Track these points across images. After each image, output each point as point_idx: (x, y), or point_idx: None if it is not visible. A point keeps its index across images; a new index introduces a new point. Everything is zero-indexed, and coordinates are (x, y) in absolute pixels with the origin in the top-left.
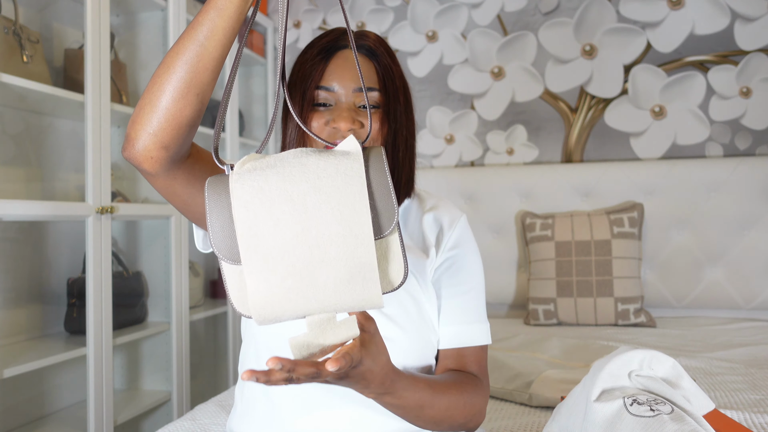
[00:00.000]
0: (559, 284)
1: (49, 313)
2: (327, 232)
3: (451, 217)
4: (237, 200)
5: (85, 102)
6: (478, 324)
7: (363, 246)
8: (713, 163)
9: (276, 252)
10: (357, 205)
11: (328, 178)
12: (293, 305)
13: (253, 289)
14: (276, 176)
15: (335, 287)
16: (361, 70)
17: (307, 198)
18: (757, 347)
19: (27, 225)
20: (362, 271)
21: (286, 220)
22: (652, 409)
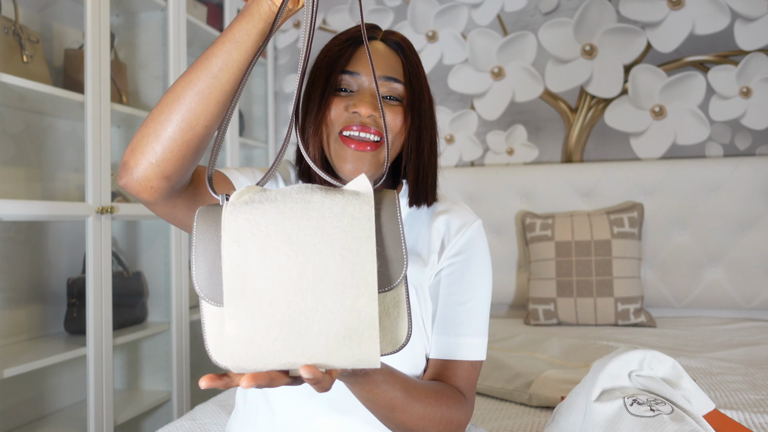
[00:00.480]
0: (559, 284)
1: (49, 313)
2: (325, 278)
3: (462, 222)
4: (228, 234)
5: (85, 102)
6: (470, 338)
7: (365, 298)
8: (713, 163)
9: (264, 295)
10: (362, 252)
11: (333, 218)
12: (277, 358)
13: (233, 335)
14: (274, 211)
15: (328, 342)
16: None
17: (306, 238)
18: (757, 347)
19: (27, 225)
20: (361, 327)
21: (280, 260)
22: (652, 409)
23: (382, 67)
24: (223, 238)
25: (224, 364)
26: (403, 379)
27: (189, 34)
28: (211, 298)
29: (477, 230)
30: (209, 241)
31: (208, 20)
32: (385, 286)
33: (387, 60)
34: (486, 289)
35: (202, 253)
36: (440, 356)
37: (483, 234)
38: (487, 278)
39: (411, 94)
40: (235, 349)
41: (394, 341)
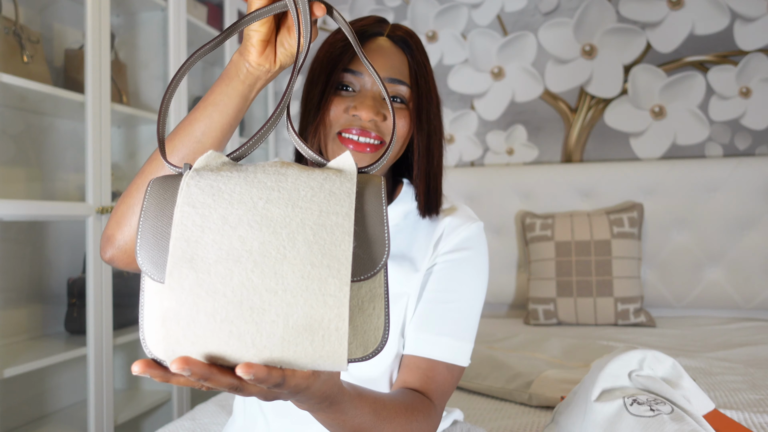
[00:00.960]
0: (559, 284)
1: (49, 313)
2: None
3: (460, 222)
4: (184, 198)
5: (85, 102)
6: (451, 339)
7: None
8: (713, 163)
9: (216, 268)
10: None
11: (308, 191)
12: (222, 345)
13: (171, 311)
14: (242, 179)
15: (285, 331)
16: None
17: (274, 209)
18: (757, 347)
19: (27, 225)
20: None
21: (240, 230)
22: (652, 409)
23: (386, 67)
24: (177, 201)
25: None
26: (371, 400)
27: (189, 34)
28: (153, 273)
29: (475, 231)
30: (161, 209)
31: (208, 20)
32: (361, 274)
33: (392, 60)
34: (476, 293)
35: (150, 221)
36: (417, 353)
37: (482, 237)
38: (479, 282)
39: (417, 96)
40: (172, 330)
41: (366, 344)
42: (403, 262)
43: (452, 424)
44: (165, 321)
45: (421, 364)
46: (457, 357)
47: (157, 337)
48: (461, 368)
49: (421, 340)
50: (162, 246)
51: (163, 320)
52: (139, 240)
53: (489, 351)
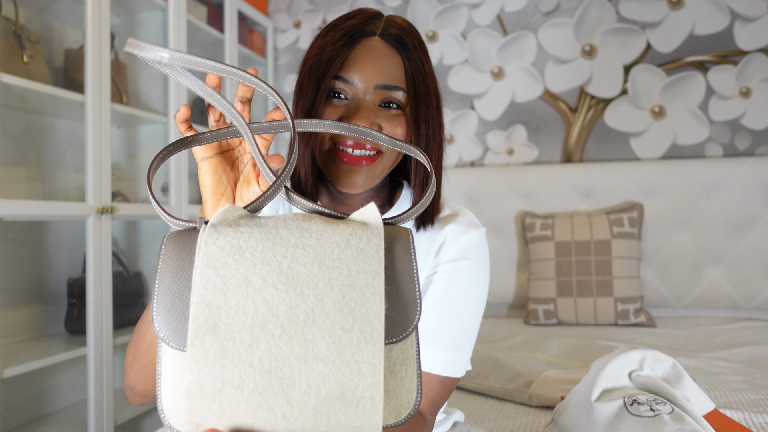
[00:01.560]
0: (559, 284)
1: (50, 313)
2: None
3: (462, 229)
4: (203, 258)
5: (85, 102)
6: (443, 350)
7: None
8: (713, 163)
9: (242, 336)
10: (368, 291)
11: (334, 248)
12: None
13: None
14: (264, 236)
15: (317, 403)
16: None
17: (300, 270)
18: (757, 347)
19: (27, 225)
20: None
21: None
22: (652, 409)
23: (380, 73)
24: (196, 262)
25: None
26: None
27: (189, 34)
28: (172, 340)
29: (477, 239)
30: (178, 269)
31: (208, 20)
32: (394, 336)
33: (385, 63)
34: (476, 304)
35: (167, 284)
36: None
37: (484, 244)
38: (478, 292)
39: (415, 101)
40: (196, 403)
41: (398, 409)
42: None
43: (452, 426)
44: (189, 395)
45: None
46: (451, 369)
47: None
48: (455, 380)
49: None
50: (180, 311)
51: (186, 394)
52: (156, 304)
53: (489, 351)
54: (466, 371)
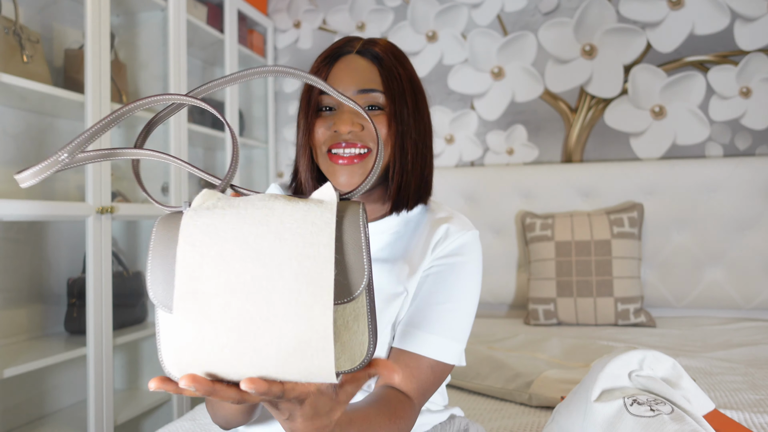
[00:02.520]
0: (559, 284)
1: (49, 313)
2: (279, 284)
3: (457, 229)
4: (184, 237)
5: (85, 102)
6: (439, 337)
7: (319, 306)
8: (713, 163)
9: (215, 300)
10: (320, 259)
11: (292, 223)
12: (227, 367)
13: (181, 340)
14: (234, 216)
15: (278, 353)
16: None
17: (263, 243)
18: (757, 347)
19: (27, 225)
20: (314, 338)
21: (234, 264)
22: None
23: (356, 80)
24: (179, 241)
25: (172, 370)
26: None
27: (189, 34)
28: (165, 305)
29: (471, 239)
30: (167, 247)
31: (208, 20)
32: (344, 297)
33: (362, 72)
34: (469, 298)
35: (158, 260)
36: (404, 346)
37: (478, 245)
38: (473, 288)
39: (392, 100)
40: (184, 356)
41: (353, 357)
42: (404, 265)
43: (449, 419)
44: (177, 349)
45: (407, 359)
46: (443, 354)
47: (172, 361)
48: (446, 366)
49: (410, 335)
50: (169, 281)
51: (175, 348)
52: (150, 278)
53: (489, 351)
54: (459, 365)
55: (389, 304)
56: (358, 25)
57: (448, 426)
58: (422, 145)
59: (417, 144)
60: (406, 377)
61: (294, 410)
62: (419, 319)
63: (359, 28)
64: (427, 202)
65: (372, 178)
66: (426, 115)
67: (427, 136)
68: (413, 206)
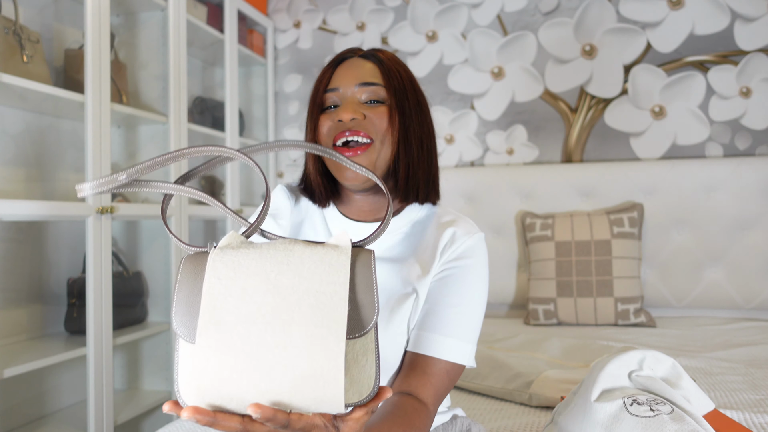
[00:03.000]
0: (559, 284)
1: (49, 313)
2: (297, 317)
3: (465, 231)
4: (211, 272)
5: (85, 102)
6: (453, 339)
7: (333, 339)
8: (713, 163)
9: (236, 329)
10: (336, 296)
11: (310, 263)
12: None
13: (201, 366)
14: (257, 255)
15: (293, 381)
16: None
17: (284, 279)
18: (757, 347)
19: (27, 225)
20: (326, 368)
21: (256, 297)
22: (652, 409)
23: (358, 75)
24: (206, 275)
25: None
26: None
27: (189, 34)
28: (186, 335)
29: (478, 241)
30: (192, 282)
31: (208, 20)
32: (355, 332)
33: (363, 68)
34: (479, 299)
35: (184, 293)
36: (419, 350)
37: (484, 248)
38: (482, 289)
39: (393, 93)
40: (202, 382)
41: (360, 391)
42: (413, 264)
43: (452, 419)
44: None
45: (423, 363)
46: (457, 356)
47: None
48: (460, 368)
49: (424, 339)
50: (192, 313)
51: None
52: (175, 308)
53: (489, 351)
54: (471, 366)
55: (400, 305)
56: (358, 25)
57: (450, 426)
58: (427, 140)
59: (421, 138)
60: (422, 383)
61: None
62: (432, 322)
63: (359, 28)
64: (435, 203)
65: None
66: (429, 115)
67: (431, 135)
68: (424, 200)
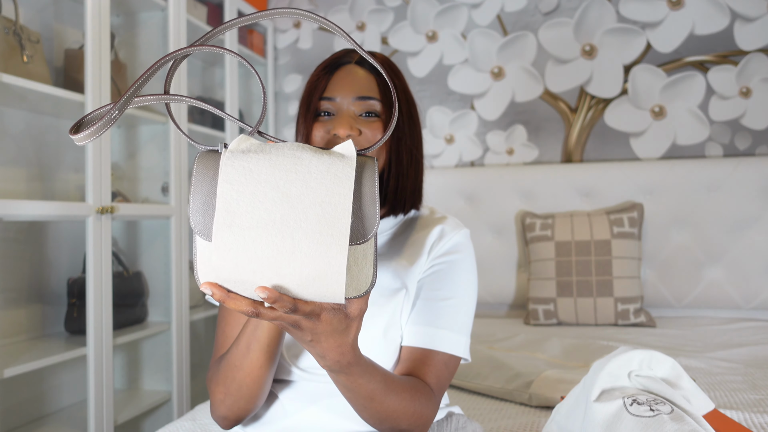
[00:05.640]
0: (559, 284)
1: (49, 313)
2: (304, 225)
3: (450, 229)
4: (224, 176)
5: (85, 102)
6: (449, 332)
7: (337, 248)
8: (713, 163)
9: (249, 233)
10: (339, 207)
11: (318, 173)
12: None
13: (218, 264)
14: (267, 162)
15: (300, 280)
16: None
17: (292, 187)
18: (757, 347)
19: (27, 225)
20: (330, 272)
21: (266, 203)
22: (651, 409)
23: (356, 88)
24: (219, 179)
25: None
26: (382, 373)
27: (189, 34)
28: (203, 233)
29: (465, 237)
30: (206, 182)
31: (208, 20)
32: (357, 240)
33: (361, 81)
34: (470, 291)
35: (199, 193)
36: (416, 344)
37: (470, 243)
38: (471, 283)
39: (387, 108)
40: (220, 274)
41: (359, 287)
42: (401, 261)
43: (447, 416)
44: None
45: (420, 355)
46: (454, 348)
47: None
48: (457, 360)
49: (420, 333)
50: (207, 212)
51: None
52: (191, 208)
53: (489, 351)
54: (466, 359)
55: (389, 300)
56: (358, 25)
57: (445, 423)
58: (416, 151)
59: (411, 150)
60: (424, 374)
61: (314, 328)
62: (427, 316)
63: (359, 28)
64: (419, 208)
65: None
66: (418, 125)
67: (420, 143)
68: (409, 210)
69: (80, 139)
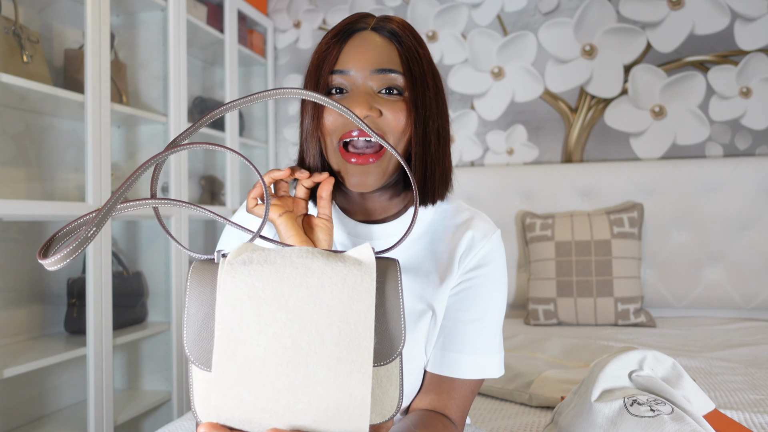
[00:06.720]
0: (559, 284)
1: (49, 313)
2: (320, 351)
3: (482, 235)
4: (223, 295)
5: (85, 102)
6: (479, 356)
7: (359, 375)
8: (713, 163)
9: (255, 364)
10: (360, 326)
11: (332, 287)
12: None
13: (219, 402)
14: (273, 275)
15: (316, 416)
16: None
17: (304, 307)
18: (757, 347)
19: (27, 225)
20: (352, 405)
21: (274, 328)
22: (652, 409)
23: (374, 59)
24: (217, 299)
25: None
26: None
27: (189, 34)
28: (200, 361)
29: (495, 243)
30: (202, 301)
31: (208, 20)
32: (381, 361)
33: (379, 51)
34: (500, 304)
35: (194, 314)
36: (442, 372)
37: (501, 245)
38: (502, 293)
39: (412, 83)
40: (222, 415)
41: (383, 413)
42: (429, 275)
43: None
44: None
45: (447, 384)
46: (484, 372)
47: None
48: (482, 381)
49: (447, 360)
50: (205, 338)
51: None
52: (186, 333)
53: None
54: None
55: (414, 325)
56: None
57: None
58: (444, 132)
59: (440, 132)
60: (449, 405)
61: None
62: (455, 342)
63: None
64: (444, 197)
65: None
66: (445, 101)
67: (448, 123)
68: (437, 200)
69: (51, 264)
